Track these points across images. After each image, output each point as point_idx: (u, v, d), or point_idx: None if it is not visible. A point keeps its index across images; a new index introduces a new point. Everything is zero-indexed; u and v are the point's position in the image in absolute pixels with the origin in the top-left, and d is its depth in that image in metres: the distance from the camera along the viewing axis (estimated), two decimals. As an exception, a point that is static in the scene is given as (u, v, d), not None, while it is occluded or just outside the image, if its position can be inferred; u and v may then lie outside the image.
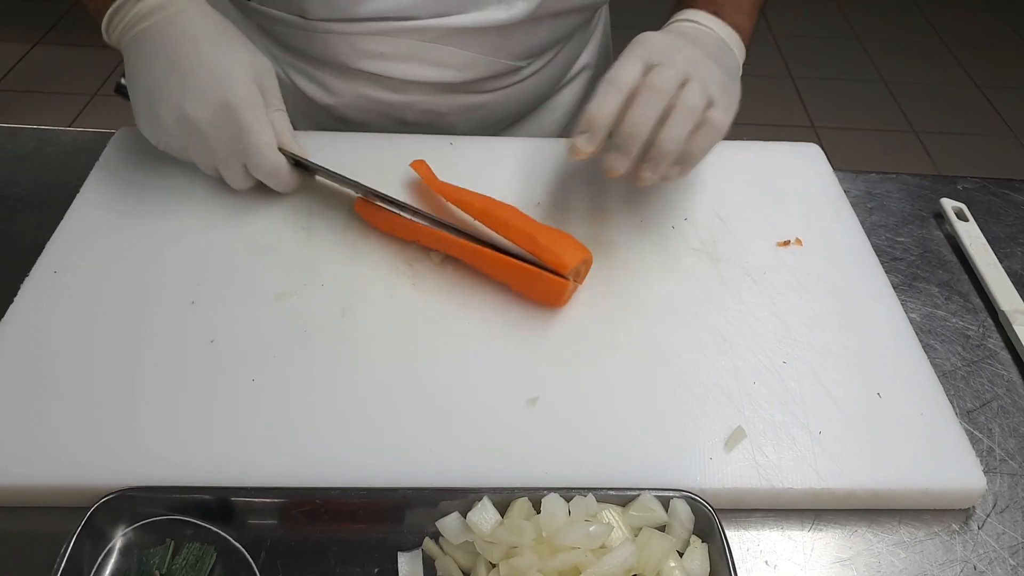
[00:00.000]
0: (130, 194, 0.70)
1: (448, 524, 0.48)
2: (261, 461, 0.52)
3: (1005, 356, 0.64)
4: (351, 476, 0.51)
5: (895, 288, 0.67)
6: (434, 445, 0.53)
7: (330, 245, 0.67)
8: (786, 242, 0.70)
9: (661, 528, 0.49)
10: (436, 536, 0.49)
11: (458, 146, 0.77)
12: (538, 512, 0.48)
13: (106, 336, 0.59)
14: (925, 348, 0.62)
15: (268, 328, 0.60)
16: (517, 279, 0.62)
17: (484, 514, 0.47)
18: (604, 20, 0.99)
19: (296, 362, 0.58)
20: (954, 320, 0.67)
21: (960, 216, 0.75)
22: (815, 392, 0.58)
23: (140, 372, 0.56)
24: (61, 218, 0.67)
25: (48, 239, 0.65)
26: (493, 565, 0.47)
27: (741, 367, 0.59)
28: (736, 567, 0.46)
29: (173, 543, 0.48)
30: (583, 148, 0.61)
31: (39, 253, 0.64)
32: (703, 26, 0.69)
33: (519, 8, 0.76)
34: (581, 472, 0.52)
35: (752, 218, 0.72)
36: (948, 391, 0.60)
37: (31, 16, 2.82)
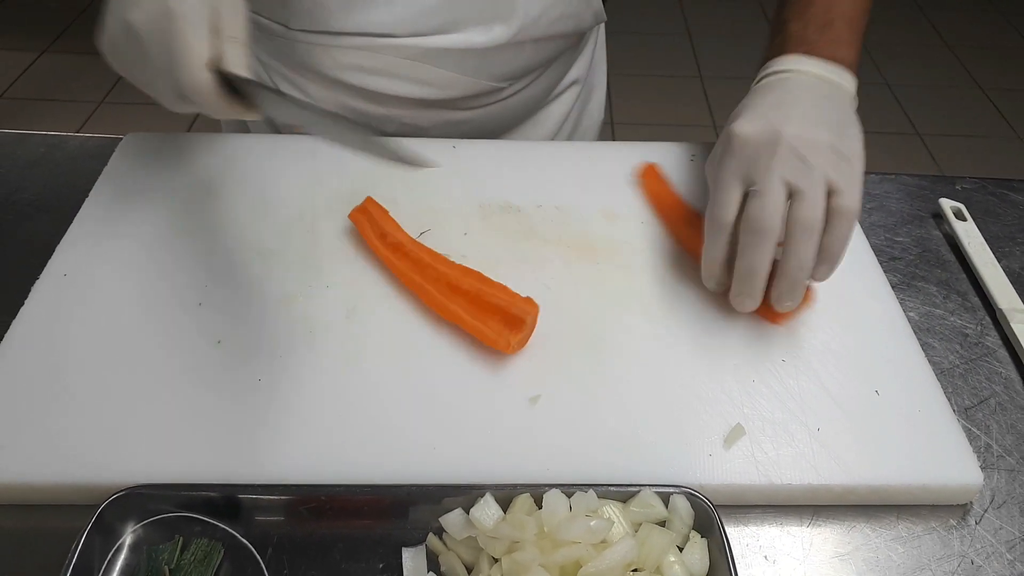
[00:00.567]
0: (138, 198, 0.71)
1: (451, 520, 0.49)
2: (268, 459, 0.53)
3: (1003, 354, 0.65)
4: (356, 474, 0.52)
5: (894, 287, 0.67)
6: (437, 443, 0.54)
7: (335, 247, 0.68)
8: (786, 242, 0.71)
9: (661, 524, 0.50)
10: (440, 532, 0.50)
11: (461, 149, 0.78)
12: (540, 508, 0.49)
13: (115, 337, 0.59)
14: (924, 346, 0.63)
15: (274, 329, 0.61)
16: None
17: (487, 510, 0.48)
18: (597, 35, 0.96)
19: (302, 362, 0.58)
20: (952, 318, 0.68)
21: (958, 216, 0.76)
22: (814, 390, 0.59)
23: (149, 372, 0.57)
24: (70, 222, 0.68)
25: (58, 243, 0.66)
26: (496, 560, 0.47)
27: (740, 365, 0.60)
28: (735, 562, 0.46)
29: (182, 539, 0.49)
30: (718, 291, 0.63)
31: (49, 256, 0.65)
32: (798, 73, 0.64)
33: (498, 32, 0.75)
34: (582, 469, 0.53)
35: (752, 219, 0.73)
36: (946, 388, 0.60)
37: (39, 24, 2.85)
